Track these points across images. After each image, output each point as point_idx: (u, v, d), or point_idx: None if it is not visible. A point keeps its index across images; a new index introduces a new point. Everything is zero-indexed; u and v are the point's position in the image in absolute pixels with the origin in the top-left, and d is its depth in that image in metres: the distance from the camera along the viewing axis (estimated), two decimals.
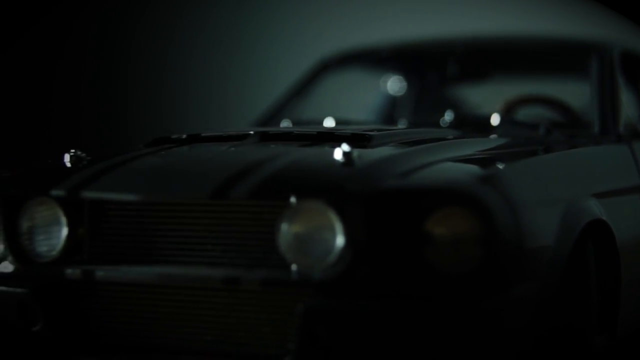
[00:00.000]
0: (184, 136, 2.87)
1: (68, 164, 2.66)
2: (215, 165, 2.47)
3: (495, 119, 3.40)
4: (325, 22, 7.48)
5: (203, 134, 2.86)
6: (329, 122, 3.57)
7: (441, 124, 3.42)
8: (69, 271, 2.51)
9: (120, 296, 2.51)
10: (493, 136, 3.11)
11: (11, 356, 2.68)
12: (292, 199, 2.30)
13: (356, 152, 2.38)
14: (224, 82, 7.46)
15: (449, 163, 2.46)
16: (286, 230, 2.31)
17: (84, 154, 2.70)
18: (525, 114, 3.67)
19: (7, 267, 2.63)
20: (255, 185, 2.31)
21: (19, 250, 2.62)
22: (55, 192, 2.53)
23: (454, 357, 2.26)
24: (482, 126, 3.37)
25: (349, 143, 2.42)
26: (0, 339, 2.66)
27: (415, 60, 4.25)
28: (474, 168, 2.42)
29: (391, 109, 4.40)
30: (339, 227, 2.27)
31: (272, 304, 2.35)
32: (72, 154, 2.69)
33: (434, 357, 2.26)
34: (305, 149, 2.56)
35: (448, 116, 3.45)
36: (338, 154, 2.37)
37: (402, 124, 3.69)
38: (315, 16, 7.58)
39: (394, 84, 4.39)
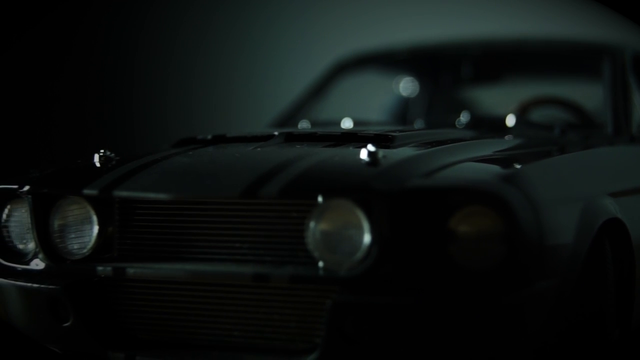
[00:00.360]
0: (209, 137, 2.94)
1: (98, 164, 2.73)
2: (245, 165, 2.53)
3: (510, 120, 3.47)
4: (330, 24, 7.53)
5: (228, 135, 2.93)
6: (347, 123, 3.64)
7: (457, 125, 3.49)
8: (100, 268, 2.58)
9: (150, 293, 2.57)
10: (508, 137, 3.17)
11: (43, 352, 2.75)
12: (320, 198, 2.36)
13: (381, 152, 2.44)
14: (228, 84, 7.49)
15: (471, 163, 2.52)
16: (314, 228, 2.37)
17: (112, 154, 2.77)
18: (539, 115, 3.73)
19: (39, 264, 2.69)
20: (285, 184, 2.38)
21: (50, 248, 2.68)
22: (87, 191, 2.59)
23: (476, 351, 2.32)
24: (497, 127, 3.43)
25: (372, 143, 2.49)
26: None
27: (430, 62, 4.31)
28: (495, 167, 2.48)
29: (404, 110, 4.47)
30: (365, 225, 2.33)
31: (300, 300, 2.42)
32: (101, 154, 2.75)
33: (457, 351, 2.32)
34: (331, 149, 2.63)
35: (464, 117, 3.51)
36: (364, 153, 2.43)
37: (418, 125, 3.76)
38: (320, 18, 7.62)
39: (407, 86, 4.46)
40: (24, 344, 3.21)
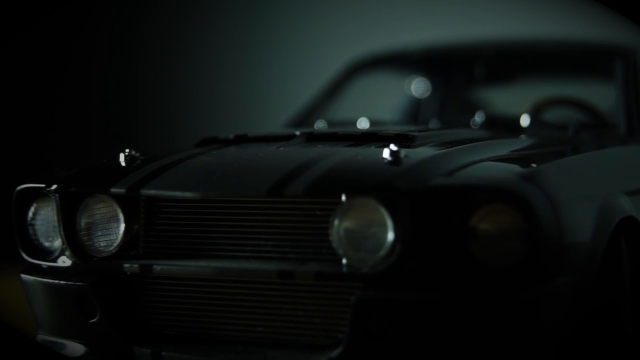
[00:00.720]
0: (231, 137, 2.99)
1: (123, 163, 2.78)
2: (269, 165, 2.58)
3: (525, 120, 3.51)
4: (335, 25, 7.55)
5: (250, 135, 2.98)
6: (364, 123, 3.69)
7: (472, 125, 3.53)
8: (127, 265, 2.63)
9: (176, 289, 2.62)
10: (523, 137, 3.21)
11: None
12: (344, 196, 2.41)
13: (403, 152, 2.49)
14: (234, 84, 7.51)
15: (491, 162, 2.57)
16: (338, 225, 2.42)
17: (137, 154, 2.82)
18: (552, 115, 3.77)
19: (65, 261, 2.74)
20: (309, 183, 2.43)
21: (76, 245, 2.73)
22: (115, 190, 2.64)
23: (495, 347, 2.37)
24: (511, 127, 3.48)
25: (394, 143, 2.54)
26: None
27: (443, 62, 4.36)
28: (515, 167, 2.52)
29: (415, 110, 4.52)
30: (389, 223, 2.38)
31: (324, 297, 2.47)
32: (126, 153, 2.80)
33: (477, 346, 2.37)
34: (353, 149, 2.68)
35: (479, 117, 3.56)
36: (386, 153, 2.48)
37: (433, 125, 3.80)
38: (327, 19, 7.65)
39: (419, 86, 4.50)
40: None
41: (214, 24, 7.55)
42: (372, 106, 4.35)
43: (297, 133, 2.90)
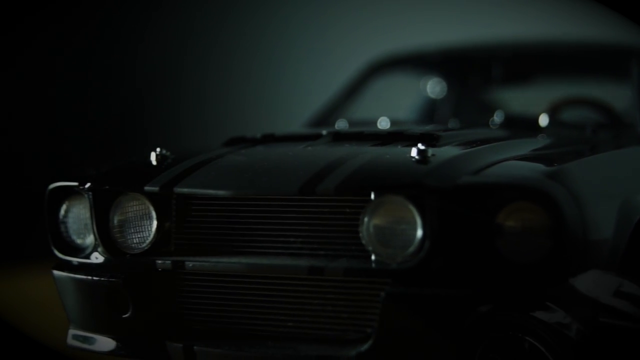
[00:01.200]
0: (259, 136, 3.05)
1: (154, 162, 2.84)
2: (299, 163, 2.64)
3: (543, 120, 3.57)
4: (340, 28, 7.59)
5: (277, 134, 3.04)
6: (385, 122, 3.74)
7: (491, 125, 3.59)
8: (159, 262, 2.69)
9: (207, 285, 2.69)
10: (542, 136, 3.26)
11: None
12: (373, 194, 2.48)
13: (430, 151, 2.55)
14: (243, 85, 7.55)
15: (516, 161, 2.63)
16: (368, 223, 2.48)
17: (168, 152, 2.88)
18: (569, 115, 3.82)
19: (98, 258, 2.81)
20: (340, 181, 2.49)
21: (109, 242, 2.79)
22: (148, 188, 2.71)
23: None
24: (530, 127, 3.53)
25: (420, 142, 2.60)
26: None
27: (459, 63, 4.41)
28: (539, 165, 2.58)
29: (431, 110, 4.57)
30: (418, 220, 2.44)
31: (353, 292, 2.53)
32: (157, 152, 2.86)
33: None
34: (380, 148, 2.74)
35: (498, 117, 3.62)
36: (414, 152, 2.54)
37: (452, 124, 3.85)
38: (335, 22, 7.69)
39: (434, 87, 4.56)
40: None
41: (223, 23, 7.60)
42: (390, 106, 4.41)
43: (324, 132, 2.96)
